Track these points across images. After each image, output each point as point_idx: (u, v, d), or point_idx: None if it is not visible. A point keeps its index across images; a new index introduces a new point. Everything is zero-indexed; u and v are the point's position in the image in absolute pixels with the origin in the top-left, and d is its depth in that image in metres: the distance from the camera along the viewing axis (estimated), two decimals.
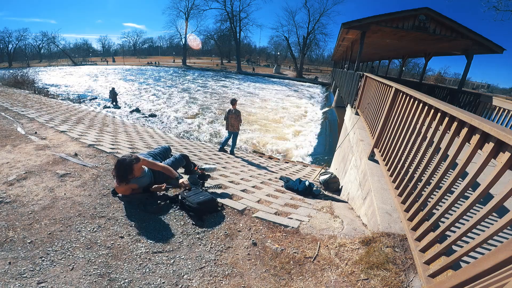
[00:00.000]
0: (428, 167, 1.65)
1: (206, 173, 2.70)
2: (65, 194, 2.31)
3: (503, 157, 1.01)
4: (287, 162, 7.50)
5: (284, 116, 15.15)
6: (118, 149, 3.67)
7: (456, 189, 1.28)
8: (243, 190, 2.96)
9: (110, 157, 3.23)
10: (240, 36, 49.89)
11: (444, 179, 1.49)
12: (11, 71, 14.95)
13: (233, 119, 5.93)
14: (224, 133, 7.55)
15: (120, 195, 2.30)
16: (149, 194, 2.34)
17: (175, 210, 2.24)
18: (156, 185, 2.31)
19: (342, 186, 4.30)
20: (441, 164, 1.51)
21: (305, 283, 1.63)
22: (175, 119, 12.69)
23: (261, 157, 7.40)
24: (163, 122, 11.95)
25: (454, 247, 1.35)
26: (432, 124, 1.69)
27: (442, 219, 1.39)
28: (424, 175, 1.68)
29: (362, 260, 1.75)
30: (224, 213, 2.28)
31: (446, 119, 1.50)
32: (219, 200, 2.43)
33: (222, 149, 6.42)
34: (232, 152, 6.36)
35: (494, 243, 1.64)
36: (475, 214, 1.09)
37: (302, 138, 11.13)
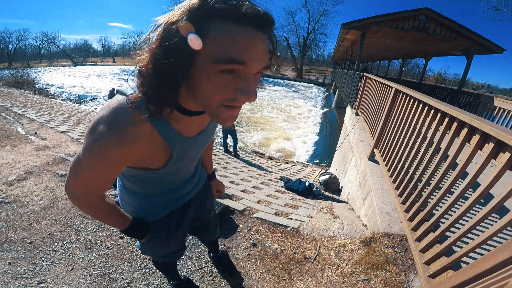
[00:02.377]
0: (428, 168, 1.65)
1: None
2: (65, 194, 2.31)
3: (503, 157, 1.01)
4: (287, 163, 7.50)
5: (284, 116, 15.15)
6: None
7: (456, 189, 1.28)
8: (243, 191, 2.96)
9: None
10: None
11: (444, 180, 1.49)
12: (12, 71, 14.95)
13: None
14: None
15: None
16: None
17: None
18: None
19: (342, 187, 4.30)
20: (441, 165, 1.51)
21: (305, 283, 1.63)
22: None
23: (261, 157, 7.40)
24: None
25: (454, 247, 1.35)
26: (432, 124, 1.69)
27: (442, 220, 1.40)
28: (424, 175, 1.68)
29: (362, 260, 1.75)
30: (231, 217, 2.26)
31: (446, 119, 1.50)
32: (219, 200, 2.43)
33: (227, 151, 6.39)
34: (235, 153, 6.30)
35: (494, 244, 1.64)
36: (475, 214, 1.09)
37: (302, 139, 11.13)
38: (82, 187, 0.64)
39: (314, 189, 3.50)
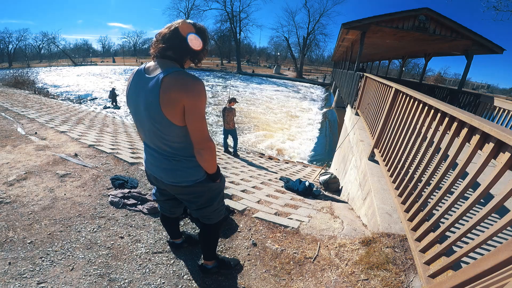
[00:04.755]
0: (428, 168, 1.65)
1: None
2: (65, 194, 2.31)
3: (503, 157, 1.01)
4: (287, 163, 7.50)
5: (284, 116, 15.16)
6: (118, 149, 3.67)
7: (456, 189, 1.28)
8: (243, 191, 2.96)
9: (110, 158, 3.23)
10: (240, 36, 49.98)
11: (444, 180, 1.49)
12: (12, 71, 14.97)
13: (228, 117, 5.96)
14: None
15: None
16: None
17: None
18: None
19: (342, 187, 4.30)
20: (441, 165, 1.51)
21: (305, 283, 1.63)
22: None
23: (261, 157, 7.40)
24: None
25: (454, 247, 1.35)
26: (432, 124, 1.69)
27: (442, 220, 1.39)
28: (424, 175, 1.68)
29: (362, 260, 1.75)
30: (231, 216, 2.26)
31: (446, 119, 1.50)
32: None
33: (227, 151, 6.40)
34: (235, 153, 6.31)
35: (494, 244, 1.64)
36: (475, 214, 1.09)
37: (302, 139, 11.14)
38: (207, 128, 1.14)
39: (314, 189, 3.50)
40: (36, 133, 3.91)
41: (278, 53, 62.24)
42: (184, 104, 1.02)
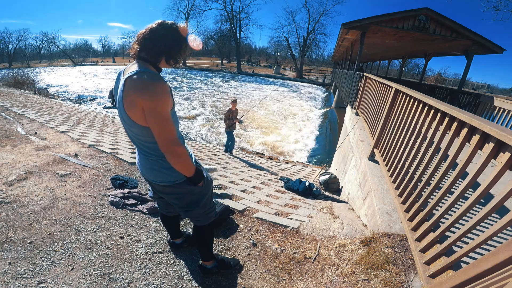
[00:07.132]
0: (428, 168, 1.65)
1: None
2: (65, 194, 2.31)
3: (503, 157, 1.01)
4: (287, 163, 7.50)
5: (284, 116, 15.15)
6: (118, 149, 3.67)
7: (456, 189, 1.28)
8: (243, 191, 2.96)
9: (110, 158, 3.23)
10: (240, 36, 49.89)
11: (444, 180, 1.49)
12: (12, 71, 14.97)
13: (224, 117, 5.99)
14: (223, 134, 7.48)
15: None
16: None
17: None
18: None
19: (342, 187, 4.30)
20: (441, 165, 1.51)
21: (305, 283, 1.63)
22: None
23: (261, 157, 7.40)
24: None
25: (454, 247, 1.35)
26: (432, 124, 1.69)
27: (442, 220, 1.39)
28: (424, 175, 1.68)
29: (362, 260, 1.75)
30: (231, 216, 2.26)
31: (446, 119, 1.50)
32: (219, 200, 2.43)
33: (226, 151, 6.43)
34: (230, 152, 6.34)
35: (494, 244, 1.64)
36: (475, 214, 1.09)
37: (302, 139, 11.13)
38: (173, 131, 1.06)
39: (314, 189, 3.49)
40: (36, 133, 3.91)
41: (278, 53, 62.31)
42: (142, 105, 0.98)
